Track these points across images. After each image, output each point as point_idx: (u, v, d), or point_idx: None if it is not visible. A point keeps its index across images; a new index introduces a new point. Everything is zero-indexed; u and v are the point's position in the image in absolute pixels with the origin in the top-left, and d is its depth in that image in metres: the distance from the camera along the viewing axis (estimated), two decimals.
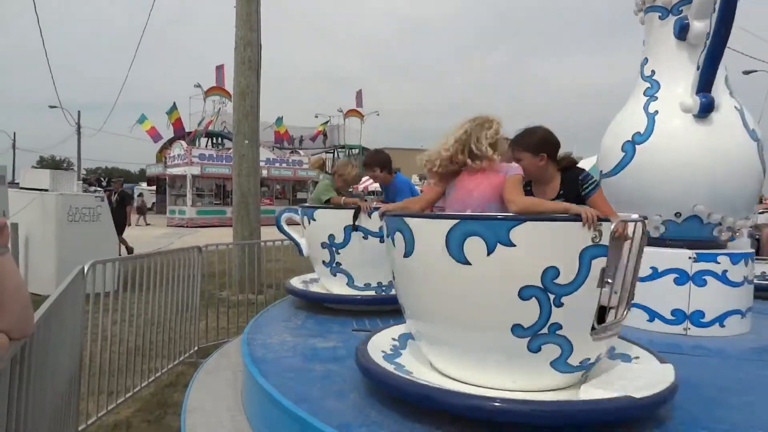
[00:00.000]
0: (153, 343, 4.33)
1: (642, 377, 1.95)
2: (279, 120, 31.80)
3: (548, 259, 1.74)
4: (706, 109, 3.13)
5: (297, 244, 4.26)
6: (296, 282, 4.33)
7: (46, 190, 8.14)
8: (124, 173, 78.59)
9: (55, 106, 27.49)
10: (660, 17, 3.47)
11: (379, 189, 4.59)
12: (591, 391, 1.84)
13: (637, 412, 1.77)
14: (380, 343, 2.36)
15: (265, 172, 25.52)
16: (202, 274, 5.20)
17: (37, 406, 2.00)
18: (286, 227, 4.32)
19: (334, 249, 3.69)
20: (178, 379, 4.48)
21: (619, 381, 1.93)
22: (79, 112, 43.09)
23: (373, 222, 3.47)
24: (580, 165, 2.39)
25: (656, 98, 3.39)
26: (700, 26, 3.20)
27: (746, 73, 21.86)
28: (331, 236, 3.67)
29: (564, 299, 1.76)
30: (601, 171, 3.64)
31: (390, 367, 2.04)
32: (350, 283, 3.79)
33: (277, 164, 29.05)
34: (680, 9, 3.36)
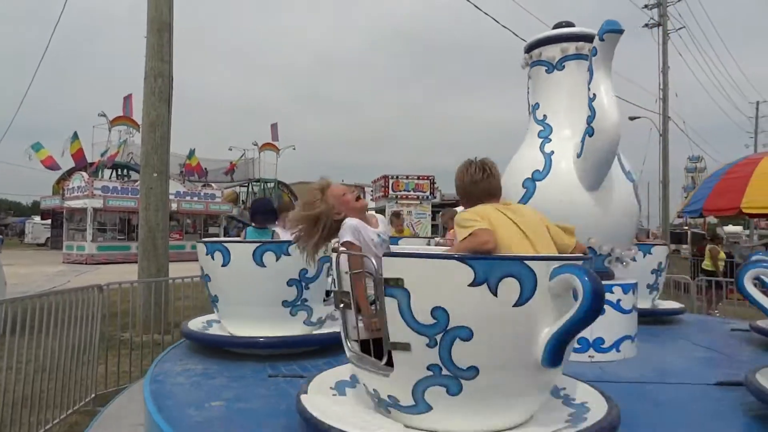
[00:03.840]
0: (44, 391, 3.98)
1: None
2: (191, 152, 30.85)
3: None
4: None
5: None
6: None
7: None
8: (13, 205, 72.27)
9: None
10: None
11: None
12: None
13: None
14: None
15: (175, 206, 24.45)
16: (102, 314, 4.88)
17: None
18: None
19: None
20: (71, 429, 4.14)
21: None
22: None
23: None
24: None
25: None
26: None
27: (632, 119, 24.21)
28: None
29: None
30: None
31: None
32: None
33: (188, 198, 28.01)
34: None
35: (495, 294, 1.69)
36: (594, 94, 3.22)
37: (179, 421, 2.33)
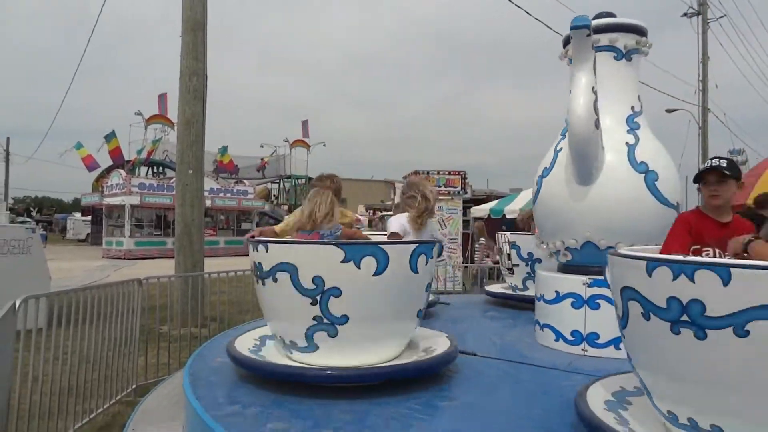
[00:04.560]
0: (88, 382, 4.11)
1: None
2: (223, 149, 31.37)
3: None
4: None
5: None
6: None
7: None
8: (56, 202, 74.78)
9: None
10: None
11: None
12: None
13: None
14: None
15: (208, 202, 24.95)
16: (142, 307, 5.02)
17: None
18: None
19: None
20: (114, 419, 4.26)
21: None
22: (8, 138, 41.12)
23: None
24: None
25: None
26: None
27: (669, 111, 23.54)
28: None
29: None
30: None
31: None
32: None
33: (222, 194, 28.52)
34: None
35: None
36: (569, 90, 3.23)
37: (217, 410, 2.38)
